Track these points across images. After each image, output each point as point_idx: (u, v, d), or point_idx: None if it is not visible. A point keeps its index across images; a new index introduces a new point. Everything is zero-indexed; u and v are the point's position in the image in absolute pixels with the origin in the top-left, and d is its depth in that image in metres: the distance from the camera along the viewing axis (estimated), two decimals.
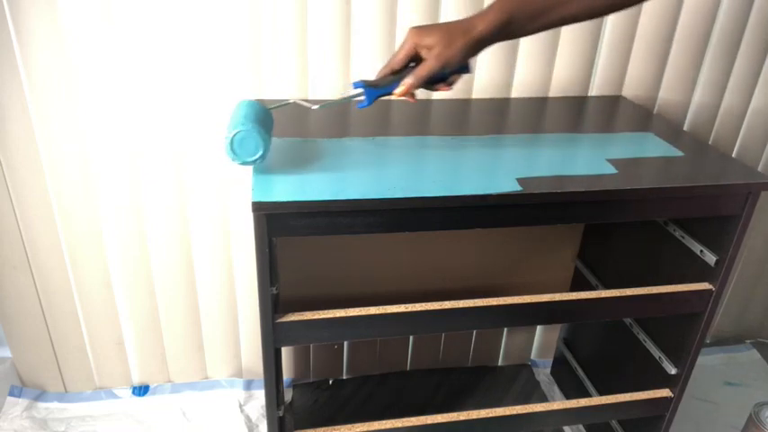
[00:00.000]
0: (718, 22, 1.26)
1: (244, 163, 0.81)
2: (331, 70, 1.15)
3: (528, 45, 1.20)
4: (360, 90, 0.84)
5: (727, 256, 0.96)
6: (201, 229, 1.27)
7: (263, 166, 0.85)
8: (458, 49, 0.78)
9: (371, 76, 0.86)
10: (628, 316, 1.20)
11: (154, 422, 1.37)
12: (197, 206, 1.24)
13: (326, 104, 0.89)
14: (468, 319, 0.94)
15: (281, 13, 1.09)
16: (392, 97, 0.84)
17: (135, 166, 1.18)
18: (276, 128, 0.91)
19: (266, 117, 0.85)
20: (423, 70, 0.80)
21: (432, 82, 0.83)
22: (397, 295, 1.20)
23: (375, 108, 1.15)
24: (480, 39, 0.78)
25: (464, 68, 0.84)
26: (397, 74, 0.83)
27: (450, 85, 0.84)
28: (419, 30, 0.80)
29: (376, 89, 0.84)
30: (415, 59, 0.82)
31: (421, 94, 1.20)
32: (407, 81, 0.81)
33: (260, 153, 0.81)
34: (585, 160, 0.97)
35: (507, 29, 0.79)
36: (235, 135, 0.79)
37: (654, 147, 1.02)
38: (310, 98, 1.17)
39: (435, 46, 0.78)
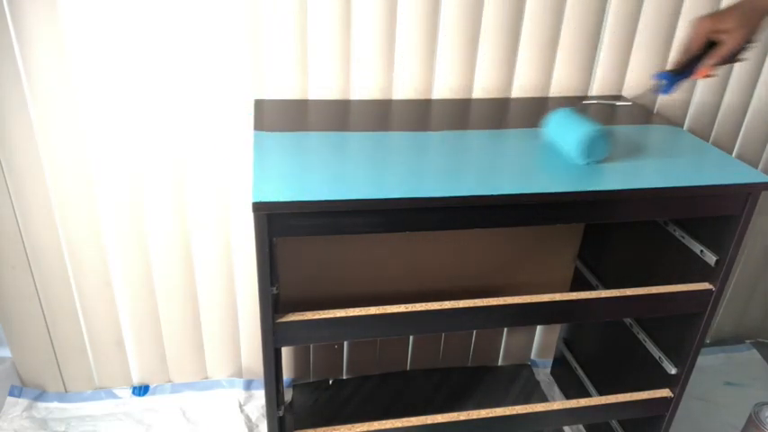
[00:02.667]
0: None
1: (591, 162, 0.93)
2: (331, 70, 1.15)
3: (528, 45, 1.20)
4: (663, 80, 0.95)
5: (727, 256, 0.96)
6: (201, 229, 1.27)
7: (263, 166, 0.85)
8: (752, 29, 0.88)
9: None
10: (628, 316, 1.20)
11: (154, 422, 1.37)
12: (197, 206, 1.24)
13: (637, 97, 1.06)
14: (468, 319, 0.94)
15: (282, 13, 1.09)
16: (695, 77, 0.94)
17: (135, 167, 1.18)
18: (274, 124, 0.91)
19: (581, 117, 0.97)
20: (722, 52, 0.89)
21: (730, 59, 0.92)
22: (397, 295, 1.20)
23: (375, 107, 1.15)
24: (765, 14, 0.88)
25: (756, 42, 0.92)
26: (693, 60, 0.93)
27: (745, 57, 0.94)
28: (710, 18, 0.90)
29: (678, 75, 0.95)
30: (708, 45, 0.91)
31: (421, 93, 1.21)
32: (709, 62, 0.91)
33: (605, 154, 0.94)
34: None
35: None
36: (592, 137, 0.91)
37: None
38: (310, 97, 1.17)
39: (731, 30, 0.88)
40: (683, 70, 0.94)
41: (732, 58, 0.91)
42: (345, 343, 1.48)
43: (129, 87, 1.11)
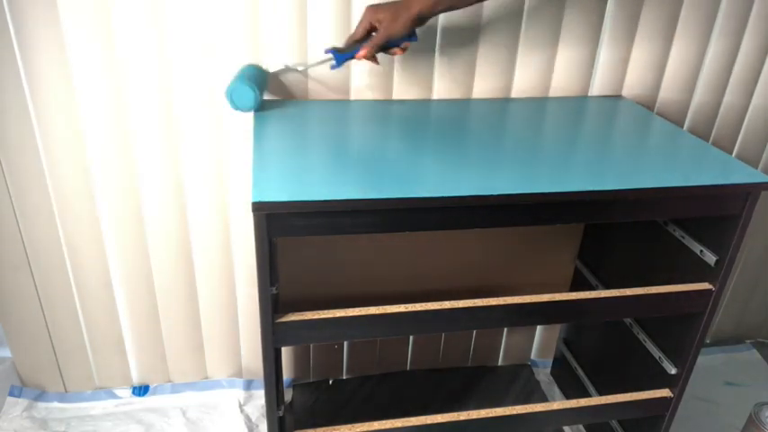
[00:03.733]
0: (717, 21, 1.26)
1: (240, 110, 1.04)
2: (331, 70, 1.15)
3: (528, 45, 1.20)
4: (331, 55, 1.06)
5: (727, 256, 0.96)
6: (201, 229, 1.27)
7: (262, 166, 0.85)
8: (401, 24, 0.98)
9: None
10: (628, 316, 1.20)
11: (154, 422, 1.37)
12: (197, 206, 1.24)
13: (307, 66, 1.13)
14: (468, 319, 0.94)
15: (282, 12, 1.09)
16: (355, 60, 1.05)
17: (134, 167, 1.18)
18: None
19: (261, 74, 1.09)
20: (376, 40, 1.01)
21: (385, 48, 1.02)
22: (396, 295, 1.20)
23: (375, 107, 1.15)
24: (419, 15, 0.98)
25: (412, 37, 1.03)
26: (359, 42, 1.03)
27: (403, 49, 1.04)
28: (373, 8, 1.00)
29: (343, 54, 1.05)
30: (372, 30, 1.02)
31: (421, 94, 1.21)
32: (366, 46, 1.01)
33: (251, 104, 1.03)
34: (585, 160, 0.97)
35: (445, 4, 0.99)
36: (231, 87, 1.02)
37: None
38: (311, 97, 1.17)
39: (384, 21, 0.98)
40: (349, 50, 1.05)
41: (387, 48, 1.02)
42: (345, 343, 1.48)
43: (129, 87, 1.11)
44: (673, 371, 1.08)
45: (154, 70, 1.10)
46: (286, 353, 1.45)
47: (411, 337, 1.50)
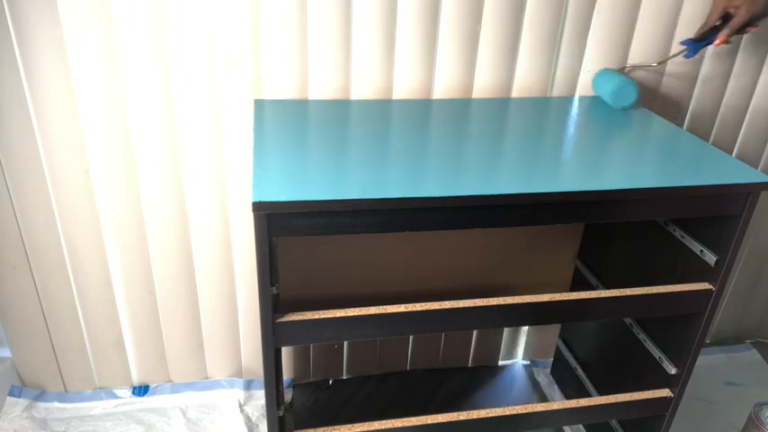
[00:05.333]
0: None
1: (624, 108, 1.17)
2: (331, 70, 1.15)
3: (527, 45, 1.20)
4: (686, 46, 1.16)
5: (727, 256, 0.96)
6: (201, 229, 1.27)
7: (262, 166, 0.85)
8: (762, 3, 1.07)
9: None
10: (628, 316, 1.20)
11: (154, 422, 1.37)
12: (197, 206, 1.24)
13: (664, 60, 1.23)
14: (468, 319, 0.94)
15: (282, 12, 1.09)
16: (715, 44, 1.13)
17: (134, 167, 1.18)
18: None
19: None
20: (736, 22, 1.08)
21: (741, 29, 1.10)
22: (397, 295, 1.20)
23: (375, 107, 1.15)
24: None
25: (765, 14, 1.10)
26: (712, 30, 1.12)
27: (756, 27, 1.11)
28: None
29: (698, 43, 1.14)
30: (724, 17, 1.10)
31: (422, 93, 1.21)
32: (725, 32, 1.09)
33: (634, 98, 1.16)
34: (585, 160, 0.97)
35: None
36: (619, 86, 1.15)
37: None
38: (310, 97, 1.17)
39: (743, 4, 1.06)
40: (704, 38, 1.13)
41: (743, 29, 1.10)
42: (345, 343, 1.48)
43: (129, 87, 1.11)
44: (673, 371, 1.08)
45: (154, 70, 1.10)
46: (286, 353, 1.45)
47: (411, 337, 1.50)
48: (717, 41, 1.11)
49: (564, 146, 1.03)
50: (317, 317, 0.89)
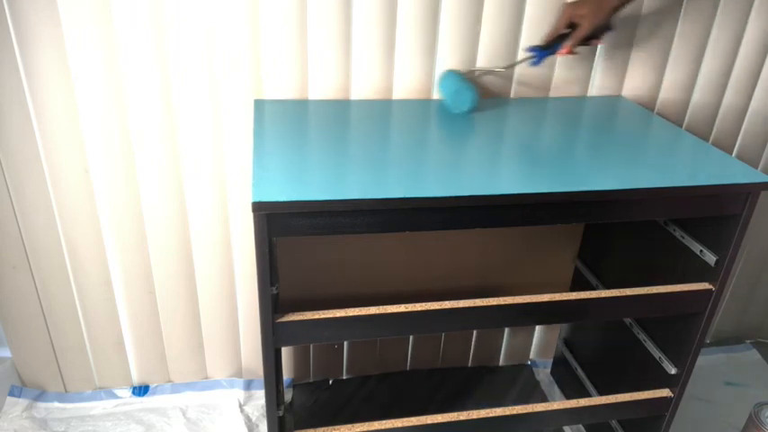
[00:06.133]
0: (717, 21, 1.26)
1: (460, 112, 1.12)
2: (331, 70, 1.15)
3: (528, 46, 1.20)
4: (532, 54, 1.12)
5: (727, 256, 0.96)
6: (201, 229, 1.27)
7: (262, 166, 0.85)
8: (604, 16, 1.06)
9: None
10: (628, 316, 1.20)
11: (154, 422, 1.37)
12: (197, 206, 1.24)
13: (510, 65, 1.19)
14: (468, 319, 0.94)
15: (282, 12, 1.09)
16: (559, 54, 1.11)
17: (134, 167, 1.18)
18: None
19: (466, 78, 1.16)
20: (579, 33, 1.07)
21: (585, 40, 1.08)
22: (397, 295, 1.20)
23: (375, 107, 1.15)
24: (617, 5, 1.05)
25: (609, 27, 1.09)
26: (560, 38, 1.09)
27: (600, 40, 1.11)
28: (573, 4, 1.07)
29: (544, 51, 1.11)
30: (571, 26, 1.08)
31: (422, 93, 1.21)
32: (569, 42, 1.08)
33: (469, 105, 1.11)
34: (585, 160, 0.97)
35: None
36: (454, 90, 1.12)
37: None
38: (310, 97, 1.17)
39: (587, 15, 1.05)
40: (549, 47, 1.10)
41: (588, 41, 1.09)
42: (345, 343, 1.48)
43: (129, 87, 1.11)
44: (673, 371, 1.08)
45: (154, 70, 1.10)
46: (286, 353, 1.45)
47: (411, 337, 1.50)
48: (562, 51, 1.09)
49: (563, 146, 1.03)
50: (317, 317, 0.89)
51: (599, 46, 1.13)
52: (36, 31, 1.04)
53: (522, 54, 1.17)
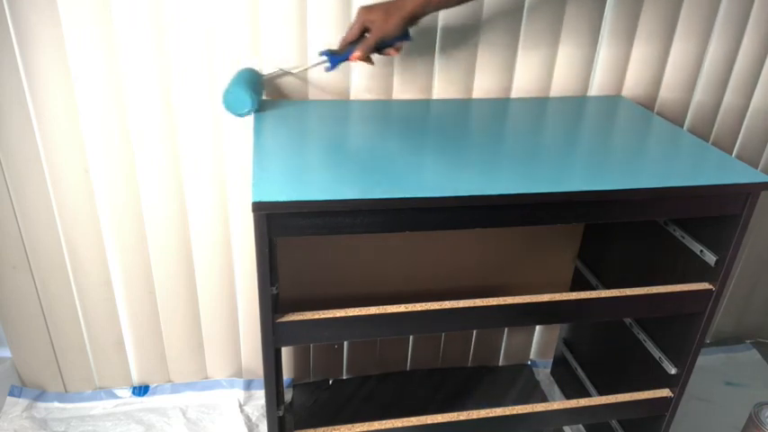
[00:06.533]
0: (717, 21, 1.26)
1: (237, 115, 1.04)
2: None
3: (528, 45, 1.20)
4: (325, 58, 1.05)
5: (727, 256, 0.96)
6: (201, 229, 1.27)
7: (262, 166, 0.85)
8: (393, 24, 0.97)
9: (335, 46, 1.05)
10: (628, 316, 1.20)
11: (154, 422, 1.37)
12: (197, 206, 1.24)
13: (302, 69, 1.12)
14: (468, 319, 0.94)
15: (282, 12, 1.09)
16: (350, 62, 1.04)
17: (134, 167, 1.18)
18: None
19: (256, 78, 1.08)
20: (369, 41, 1.00)
21: (379, 48, 1.01)
22: (397, 295, 1.20)
23: (375, 106, 1.15)
24: (412, 15, 0.98)
25: (405, 37, 1.01)
26: (353, 44, 1.02)
27: (396, 50, 1.03)
28: (366, 8, 1.00)
29: (337, 56, 1.04)
30: (366, 31, 1.00)
31: (422, 94, 1.21)
32: (359, 47, 1.00)
33: (247, 109, 1.02)
34: (585, 160, 0.97)
35: (435, 3, 0.98)
36: (227, 94, 1.02)
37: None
38: (310, 97, 1.17)
39: (376, 21, 0.98)
40: (343, 52, 1.03)
41: (381, 49, 1.01)
42: (345, 343, 1.48)
43: (129, 87, 1.11)
44: (673, 371, 1.08)
45: (154, 70, 1.10)
46: (286, 353, 1.45)
47: (411, 337, 1.50)
48: (352, 57, 1.02)
49: (563, 146, 1.03)
50: (317, 317, 0.89)
51: (394, 56, 1.05)
52: (36, 31, 1.04)
53: (315, 58, 1.08)
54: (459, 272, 1.35)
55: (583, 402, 1.10)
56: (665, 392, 1.10)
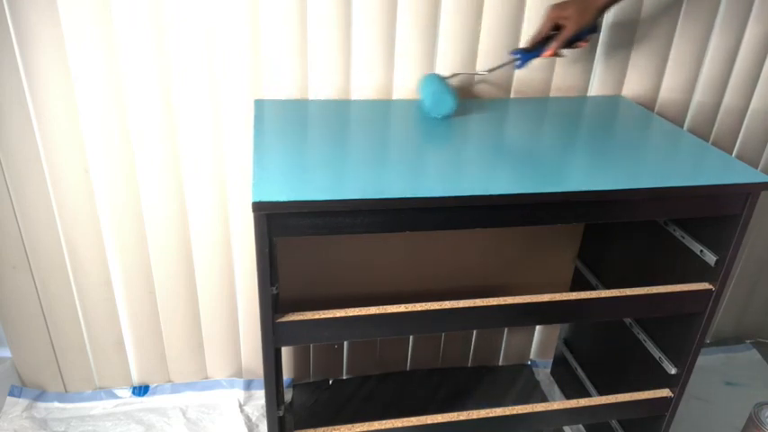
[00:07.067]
0: (717, 21, 1.26)
1: (439, 116, 1.09)
2: (331, 70, 1.15)
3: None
4: (517, 56, 1.10)
5: (727, 256, 0.96)
6: (201, 229, 1.27)
7: (262, 166, 0.85)
8: (589, 17, 1.05)
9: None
10: (628, 316, 1.20)
11: (154, 422, 1.37)
12: (197, 206, 1.24)
13: (493, 68, 1.16)
14: (468, 319, 0.94)
15: (282, 12, 1.09)
16: (544, 56, 1.09)
17: (134, 167, 1.18)
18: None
19: (445, 82, 1.13)
20: (564, 35, 1.05)
21: (570, 42, 1.07)
22: (396, 295, 1.20)
23: (375, 107, 1.15)
24: (604, 7, 1.05)
25: (594, 29, 1.08)
26: (543, 41, 1.08)
27: (586, 41, 1.09)
28: (558, 6, 1.06)
29: (529, 53, 1.09)
30: (556, 28, 1.06)
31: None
32: (554, 44, 1.06)
33: (449, 109, 1.08)
34: (585, 160, 0.97)
35: None
36: (431, 95, 1.10)
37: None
38: (310, 97, 1.17)
39: (571, 17, 1.04)
40: (534, 49, 1.09)
41: (573, 43, 1.07)
42: (345, 343, 1.48)
43: (129, 87, 1.11)
44: (673, 371, 1.08)
45: (154, 70, 1.10)
46: (286, 353, 1.45)
47: (411, 337, 1.50)
48: (547, 53, 1.07)
49: (564, 146, 1.03)
50: (317, 317, 0.89)
51: (584, 48, 1.11)
52: (36, 31, 1.04)
53: (506, 57, 1.14)
54: (460, 272, 1.35)
55: (583, 402, 1.10)
56: (665, 392, 1.10)
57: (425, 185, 0.83)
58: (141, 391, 1.44)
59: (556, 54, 1.08)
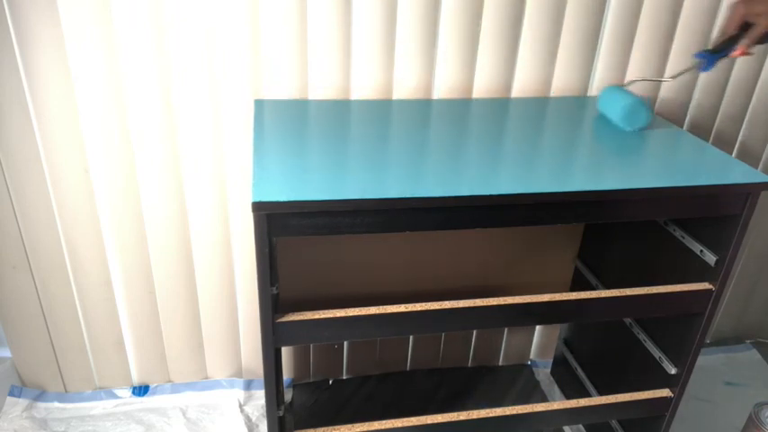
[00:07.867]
0: (717, 21, 1.26)
1: (634, 129, 1.08)
2: (331, 70, 1.15)
3: (528, 45, 1.20)
4: (702, 59, 1.05)
5: (727, 256, 0.96)
6: (201, 229, 1.27)
7: (262, 166, 0.85)
8: None
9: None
10: (628, 316, 1.20)
11: (154, 422, 1.37)
12: (197, 206, 1.24)
13: (679, 74, 1.14)
14: (469, 319, 0.94)
15: (282, 12, 1.09)
16: (734, 56, 1.03)
17: (134, 167, 1.18)
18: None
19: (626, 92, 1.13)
20: (756, 32, 0.99)
21: (763, 39, 1.00)
22: (396, 295, 1.20)
23: (375, 107, 1.15)
24: None
25: None
26: (730, 40, 1.02)
27: None
28: (746, 2, 1.00)
29: (715, 54, 1.04)
30: (743, 26, 1.00)
31: (422, 93, 1.21)
32: (745, 42, 1.00)
33: (645, 121, 1.08)
34: (585, 160, 0.97)
35: None
36: (626, 107, 1.08)
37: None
38: (310, 97, 1.17)
39: (764, 13, 0.98)
40: (721, 49, 1.03)
41: (764, 39, 1.01)
42: (345, 343, 1.48)
43: (129, 87, 1.11)
44: (673, 371, 1.08)
45: (154, 70, 1.10)
46: (286, 353, 1.45)
47: (411, 337, 1.50)
48: (736, 52, 1.02)
49: (564, 146, 1.03)
50: (317, 317, 0.89)
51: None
52: (36, 31, 1.04)
53: (690, 61, 1.10)
54: (459, 272, 1.35)
55: (583, 402, 1.10)
56: (665, 392, 1.10)
57: (425, 185, 0.83)
58: (141, 391, 1.44)
59: (746, 52, 1.02)
